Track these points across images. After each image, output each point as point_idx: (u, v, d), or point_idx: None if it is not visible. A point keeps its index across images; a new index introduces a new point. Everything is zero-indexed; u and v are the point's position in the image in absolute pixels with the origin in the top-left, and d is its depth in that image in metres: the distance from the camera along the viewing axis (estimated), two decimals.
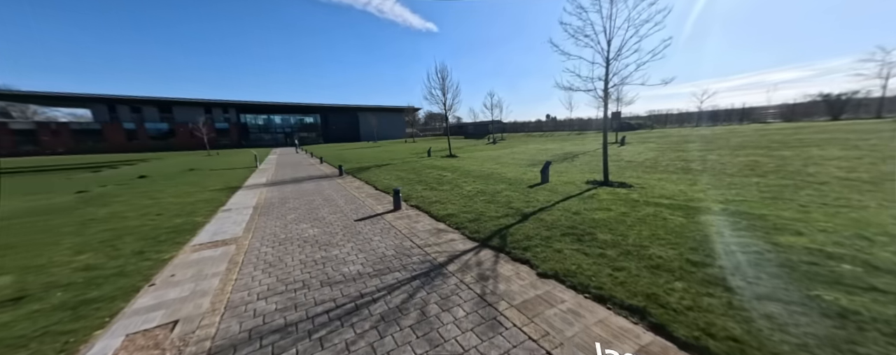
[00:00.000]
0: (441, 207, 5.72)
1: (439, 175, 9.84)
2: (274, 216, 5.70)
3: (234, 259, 3.63)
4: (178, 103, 45.92)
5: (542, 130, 51.04)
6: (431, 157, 17.08)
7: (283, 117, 57.11)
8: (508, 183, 7.79)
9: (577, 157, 13.41)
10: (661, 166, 9.48)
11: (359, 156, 20.29)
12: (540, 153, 16.53)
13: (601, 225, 4.21)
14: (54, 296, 2.69)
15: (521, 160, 13.47)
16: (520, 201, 5.79)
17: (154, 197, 8.05)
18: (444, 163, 13.76)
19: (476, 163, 12.80)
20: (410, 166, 12.91)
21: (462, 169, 11.16)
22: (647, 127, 36.73)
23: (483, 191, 6.95)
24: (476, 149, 23.15)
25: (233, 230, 4.85)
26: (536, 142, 28.57)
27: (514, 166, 11.37)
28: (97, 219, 5.66)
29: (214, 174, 13.15)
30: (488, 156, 16.07)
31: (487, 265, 3.29)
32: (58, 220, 5.73)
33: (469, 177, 8.99)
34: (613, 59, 6.58)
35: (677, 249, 3.31)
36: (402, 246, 3.94)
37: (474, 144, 31.88)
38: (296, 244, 4.13)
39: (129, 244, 4.16)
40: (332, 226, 4.92)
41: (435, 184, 8.26)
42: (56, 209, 6.93)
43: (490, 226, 4.44)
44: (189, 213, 6.00)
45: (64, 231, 4.93)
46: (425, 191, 7.39)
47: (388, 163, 14.57)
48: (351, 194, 7.65)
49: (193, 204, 6.94)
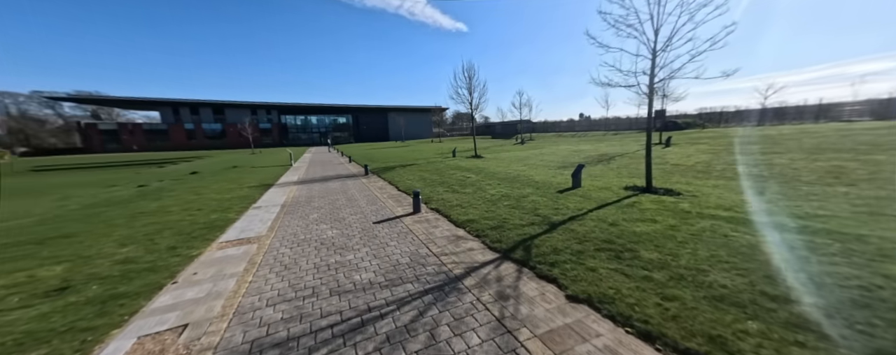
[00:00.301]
0: (462, 212, 5.43)
1: (462, 176, 9.55)
2: (298, 215, 5.82)
3: (254, 259, 3.67)
4: (229, 105, 50.59)
5: (574, 130, 48.45)
6: (456, 158, 16.83)
7: (318, 118, 60.51)
8: (536, 187, 7.28)
9: (613, 160, 12.34)
10: (715, 171, 8.32)
11: (386, 156, 20.67)
12: (572, 154, 15.54)
13: (645, 240, 3.65)
14: (90, 289, 2.86)
15: (551, 162, 12.71)
16: (547, 208, 5.31)
17: (199, 192, 8.73)
18: (468, 163, 13.43)
19: (502, 165, 12.30)
20: (434, 167, 12.78)
21: (486, 170, 10.76)
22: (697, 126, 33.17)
23: (507, 195, 6.54)
24: (503, 150, 22.48)
25: (258, 228, 5.00)
26: (568, 143, 27.08)
27: (543, 168, 10.72)
28: (146, 213, 6.20)
29: (254, 171, 14.10)
30: (515, 158, 15.43)
31: (508, 281, 2.96)
32: (115, 212, 6.38)
33: (493, 180, 8.59)
34: (661, 50, 5.81)
35: (747, 277, 2.71)
36: (417, 253, 3.73)
37: (501, 145, 31.08)
38: (313, 246, 4.11)
39: (166, 238, 4.42)
40: (350, 228, 4.87)
41: (457, 186, 7.99)
42: (118, 201, 7.78)
43: (513, 236, 4.07)
44: (224, 209, 6.35)
45: (117, 222, 5.44)
46: (447, 193, 7.15)
47: (412, 163, 14.59)
48: (373, 194, 7.65)
49: (230, 200, 7.38)
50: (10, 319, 2.36)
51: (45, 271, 3.31)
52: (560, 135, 44.48)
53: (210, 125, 49.49)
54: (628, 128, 41.68)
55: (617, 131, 39.92)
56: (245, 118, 45.58)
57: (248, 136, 38.20)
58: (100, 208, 6.97)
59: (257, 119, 51.85)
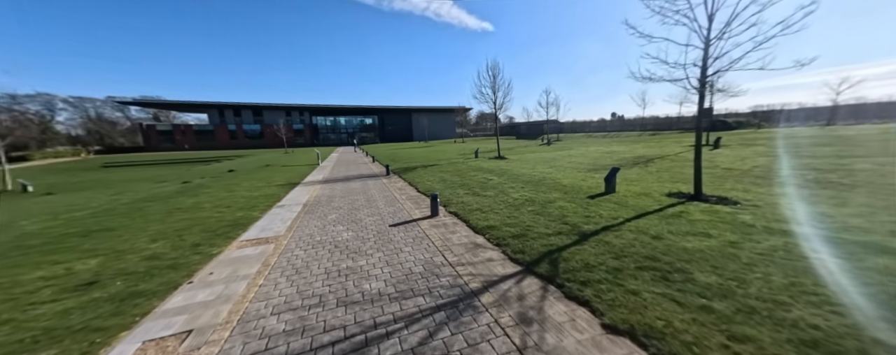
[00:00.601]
0: (482, 217, 5.10)
1: (484, 178, 9.17)
2: (317, 215, 5.83)
3: (268, 260, 3.63)
4: (267, 108, 54.14)
5: (606, 130, 45.77)
6: (479, 159, 16.43)
7: (347, 119, 62.84)
8: (563, 191, 6.73)
9: (651, 163, 11.27)
10: (778, 177, 7.20)
11: (408, 156, 20.79)
12: (603, 156, 14.50)
13: (698, 258, 3.09)
14: (114, 285, 2.93)
15: (580, 164, 11.89)
16: (577, 215, 4.81)
17: (232, 189, 9.20)
18: (491, 165, 12.99)
19: (526, 167, 11.72)
20: (455, 168, 12.50)
21: (510, 172, 10.28)
22: (751, 125, 29.80)
23: (532, 199, 6.09)
24: (528, 151, 21.67)
25: (278, 227, 5.04)
26: (598, 144, 25.53)
27: (571, 171, 10.02)
28: (182, 209, 6.57)
29: (283, 170, 14.76)
30: (541, 159, 14.70)
31: (532, 300, 2.60)
32: (156, 207, 6.84)
33: (517, 183, 8.12)
34: (716, 38, 5.07)
35: (847, 316, 2.12)
36: (432, 262, 3.48)
37: (526, 145, 30.08)
38: (327, 248, 4.01)
39: (193, 235, 4.58)
40: (366, 231, 4.74)
41: (478, 188, 7.65)
42: (161, 197, 8.41)
43: (538, 246, 3.68)
44: (250, 207, 6.56)
45: (154, 218, 5.79)
46: (467, 196, 6.84)
47: (434, 164, 14.44)
48: (392, 195, 7.55)
49: (257, 198, 7.65)
50: (36, 314, 2.45)
51: (81, 264, 3.50)
52: (590, 135, 42.20)
53: (250, 126, 53.28)
54: (668, 127, 38.48)
55: (654, 131, 37.04)
56: (280, 119, 48.56)
57: (282, 137, 40.59)
58: (144, 203, 7.56)
59: (291, 120, 54.98)
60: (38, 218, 6.55)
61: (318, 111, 58.84)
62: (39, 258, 3.78)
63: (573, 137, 40.26)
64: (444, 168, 12.64)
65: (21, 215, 7.03)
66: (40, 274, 3.27)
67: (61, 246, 4.23)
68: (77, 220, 5.93)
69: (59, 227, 5.42)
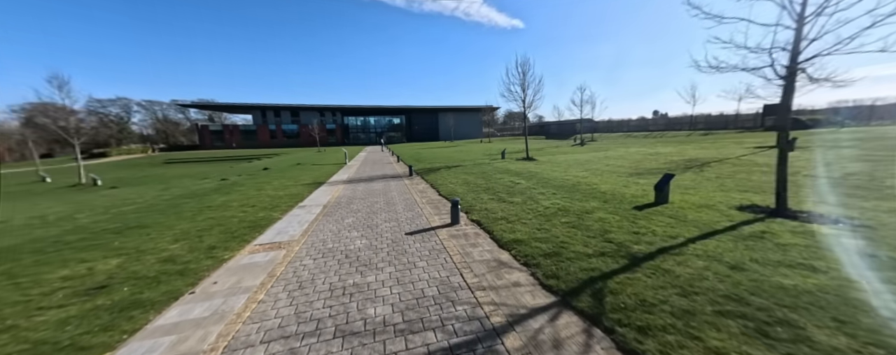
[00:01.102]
0: (507, 228, 4.54)
1: (511, 182, 8.51)
2: (334, 218, 5.65)
3: (275, 270, 3.42)
4: (303, 109, 57.40)
5: (647, 130, 42.03)
6: (505, 160, 15.66)
7: (376, 119, 64.62)
8: (603, 199, 5.91)
9: (707, 167, 9.80)
10: (888, 187, 5.71)
11: (433, 156, 20.55)
12: (647, 159, 13.03)
13: (807, 304, 2.30)
14: (122, 291, 2.86)
15: (620, 167, 10.71)
16: (623, 231, 4.07)
17: (262, 188, 9.51)
18: (518, 167, 12.22)
19: (558, 170, 10.81)
20: (480, 169, 11.92)
21: (540, 176, 9.49)
22: (833, 123, 25.48)
23: (566, 208, 5.37)
24: (559, 152, 20.38)
25: (293, 231, 4.91)
26: (639, 144, 23.37)
27: (610, 175, 8.98)
28: (212, 207, 6.79)
29: (312, 169, 15.22)
30: (574, 161, 13.59)
31: (573, 350, 2.03)
32: (191, 204, 7.16)
33: (548, 188, 7.37)
34: (815, 14, 4.01)
35: None
36: (448, 283, 3.02)
37: (557, 146, 28.49)
38: (337, 258, 3.73)
39: (213, 236, 4.57)
40: (380, 239, 4.41)
41: (504, 193, 7.04)
42: (199, 194, 8.91)
43: (576, 270, 3.06)
44: (273, 207, 6.59)
45: (186, 215, 6.00)
46: (491, 201, 6.28)
47: (458, 165, 13.98)
48: (412, 198, 7.21)
49: (281, 198, 7.75)
50: (38, 321, 2.40)
51: (103, 264, 3.56)
52: (629, 135, 39.02)
53: (288, 126, 56.89)
54: (722, 126, 34.28)
55: (707, 131, 33.20)
56: (314, 119, 51.20)
57: (315, 136, 42.73)
58: (183, 200, 8.02)
59: (325, 120, 57.76)
60: (93, 211, 7.18)
61: (349, 111, 61.17)
62: (72, 255, 3.94)
63: (609, 137, 37.50)
64: (469, 169, 12.12)
65: (81, 208, 7.81)
66: (64, 273, 3.35)
67: (96, 242, 4.43)
68: (121, 215, 6.35)
69: (104, 222, 5.80)
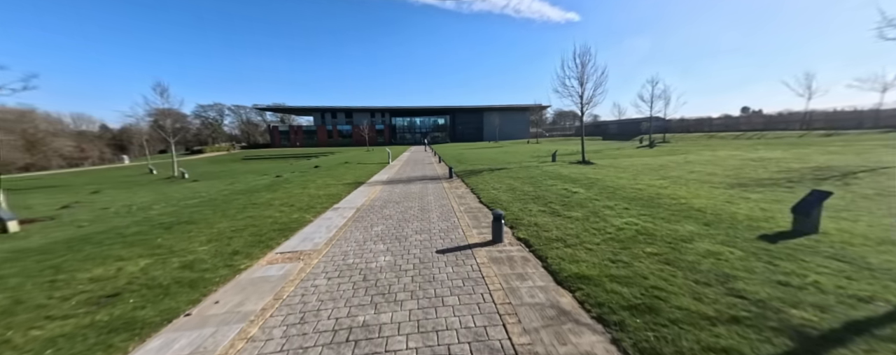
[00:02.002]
0: (567, 254, 3.48)
1: (566, 190, 7.19)
2: (363, 225, 5.19)
3: (282, 291, 2.97)
4: (356, 110, 61.45)
5: (737, 129, 34.77)
6: (556, 163, 13.99)
7: (422, 119, 66.08)
8: (702, 221, 4.37)
9: (854, 178, 7.14)
10: None
11: (476, 157, 19.62)
12: (748, 165, 10.28)
13: None
14: (128, 303, 2.66)
15: (712, 176, 8.48)
16: (757, 279, 2.70)
17: (306, 186, 9.77)
18: (573, 171, 10.62)
19: (625, 176, 9.02)
20: (528, 173, 10.66)
21: (602, 183, 7.92)
22: None
23: (649, 232, 4.04)
24: (622, 155, 17.73)
25: (319, 238, 4.55)
26: (730, 147, 19.21)
27: (701, 186, 7.04)
28: (257, 204, 6.97)
29: (357, 168, 15.60)
30: (644, 166, 11.39)
31: None
32: (239, 201, 7.49)
33: (616, 200, 5.94)
34: None
35: None
36: (485, 340, 2.17)
37: (619, 148, 25.19)
38: (353, 281, 3.15)
39: (241, 239, 4.44)
40: (407, 255, 3.75)
41: (558, 204, 5.85)
42: (251, 190, 9.49)
43: (695, 348, 1.92)
44: (309, 208, 6.48)
45: (230, 212, 6.18)
46: (543, 215, 5.19)
47: (502, 168, 12.85)
48: (449, 205, 6.47)
49: (320, 198, 7.71)
50: (33, 336, 2.24)
51: (133, 265, 3.54)
52: (712, 135, 32.75)
53: (342, 126, 61.50)
54: (856, 125, 26.38)
55: (829, 130, 25.93)
56: (364, 120, 54.34)
57: (365, 136, 45.22)
58: (237, 195, 8.55)
59: (374, 121, 60.99)
60: (167, 203, 8.02)
61: (397, 112, 63.55)
62: (118, 250, 4.08)
63: (685, 138, 32.00)
64: (515, 173, 10.95)
65: (160, 199, 8.88)
66: (97, 272, 3.37)
67: (145, 238, 4.64)
68: (183, 209, 6.87)
69: (166, 216, 6.27)
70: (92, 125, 66.14)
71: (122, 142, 62.34)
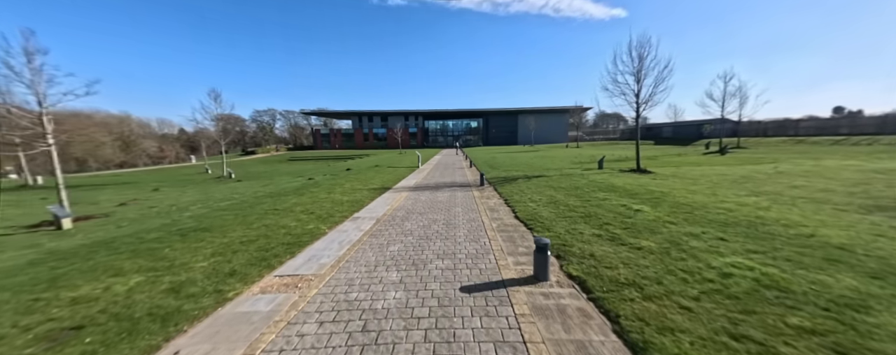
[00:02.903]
0: (652, 315, 2.38)
1: (625, 208, 5.83)
2: (379, 242, 4.52)
3: (259, 342, 2.32)
4: (391, 114, 63.17)
5: (836, 133, 28.59)
6: (604, 171, 12.26)
7: (454, 122, 65.83)
8: (864, 270, 2.91)
9: None
10: None
11: (510, 162, 18.34)
12: (876, 180, 7.84)
13: None
14: (82, 342, 2.19)
15: (830, 193, 6.44)
16: None
17: (332, 190, 9.54)
18: (629, 182, 9.00)
19: (700, 190, 7.28)
20: (571, 183, 9.29)
21: (671, 199, 6.38)
22: None
23: (780, 284, 2.72)
24: (685, 162, 15.22)
25: (327, 258, 3.95)
26: (835, 155, 15.56)
27: (821, 208, 5.23)
28: (279, 210, 6.73)
29: (386, 171, 15.35)
30: (721, 177, 9.34)
31: None
32: (265, 205, 7.36)
33: (701, 225, 4.52)
34: None
35: None
36: None
37: (678, 153, 22.02)
38: (349, 331, 2.42)
39: (245, 255, 4.01)
40: (423, 293, 2.94)
41: (617, 226, 4.62)
42: (281, 193, 9.49)
43: None
44: (328, 217, 6.03)
45: (250, 218, 5.96)
46: (598, 241, 4.04)
47: (540, 175, 11.53)
48: (479, 220, 5.55)
49: (343, 204, 7.29)
50: None
51: (122, 284, 3.21)
52: (799, 139, 27.28)
53: (378, 129, 63.59)
54: None
55: None
56: (398, 124, 55.51)
57: (398, 139, 46.01)
58: (266, 198, 8.55)
59: (408, 124, 62.09)
60: (204, 203, 8.25)
61: (430, 116, 64.04)
62: (123, 262, 3.88)
63: (762, 143, 27.12)
64: (555, 182, 9.64)
65: (202, 198, 9.25)
66: (82, 291, 3.09)
67: (156, 246, 4.46)
68: (211, 212, 6.88)
69: (192, 219, 6.25)
70: (172, 129, 77.05)
71: (194, 143, 71.75)
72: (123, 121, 62.29)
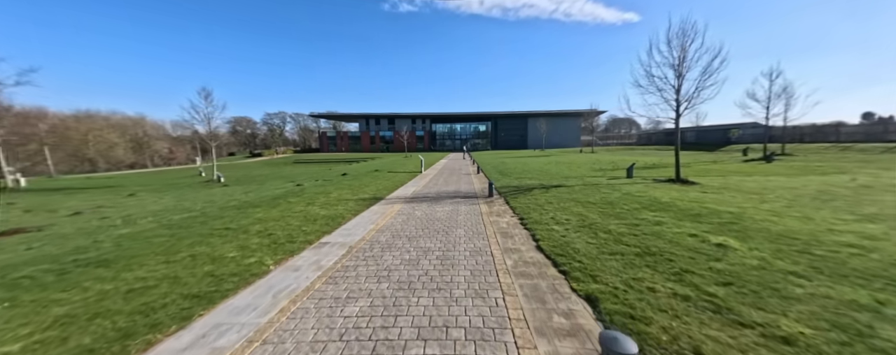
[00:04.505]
0: None
1: (696, 239, 4.06)
2: (336, 293, 2.96)
3: None
4: (398, 117, 62.21)
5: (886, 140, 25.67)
6: (635, 180, 10.43)
7: (462, 126, 64.42)
8: None
9: None
10: None
11: (521, 168, 16.61)
12: None
13: None
14: None
15: None
16: None
17: (313, 201, 8.08)
18: (675, 196, 7.17)
19: (782, 210, 5.42)
20: (601, 196, 7.54)
21: (752, 224, 4.56)
22: None
23: None
24: (727, 171, 13.18)
25: (235, 333, 2.41)
26: None
27: None
28: (227, 231, 5.28)
29: (385, 177, 13.88)
30: (791, 191, 7.42)
31: None
32: (214, 223, 5.92)
33: (853, 278, 2.75)
34: None
35: None
36: None
37: (714, 160, 19.84)
38: None
39: (93, 330, 2.50)
40: None
41: (706, 277, 2.90)
42: (255, 202, 8.08)
43: None
44: (286, 242, 4.53)
45: (180, 245, 4.51)
46: (686, 307, 2.35)
47: (559, 185, 9.81)
48: (489, 253, 3.93)
49: (315, 221, 5.79)
50: None
51: None
52: (845, 146, 24.51)
53: (384, 132, 62.70)
54: None
55: None
56: (404, 127, 54.41)
57: (404, 142, 44.75)
58: (230, 209, 7.15)
59: (415, 127, 60.95)
60: (157, 217, 6.91)
61: (437, 119, 62.83)
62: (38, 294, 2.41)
63: (802, 149, 24.50)
64: (581, 194, 7.92)
65: (167, 208, 7.95)
66: None
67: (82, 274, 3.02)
68: (146, 231, 5.51)
69: (108, 242, 4.85)
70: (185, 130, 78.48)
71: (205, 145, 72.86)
72: (138, 122, 63.46)
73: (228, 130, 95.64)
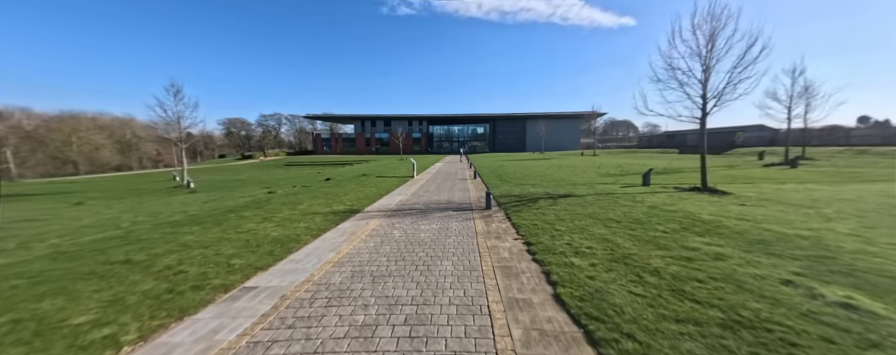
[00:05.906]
0: None
1: (789, 284, 2.66)
2: None
3: None
4: (394, 118, 60.85)
5: None
6: (655, 187, 9.07)
7: (460, 128, 63.18)
8: None
9: None
10: None
11: (522, 173, 15.24)
12: None
13: None
14: None
15: None
16: None
17: (273, 215, 6.66)
18: (712, 211, 5.77)
19: (861, 231, 4.03)
20: (623, 210, 6.16)
21: (849, 261, 3.14)
22: None
23: None
24: (752, 177, 11.94)
25: None
26: None
27: None
28: (126, 265, 3.85)
29: (371, 183, 12.46)
30: (847, 203, 6.09)
31: None
32: (120, 250, 4.47)
33: None
34: None
35: None
36: None
37: (731, 165, 18.65)
38: None
39: None
40: None
41: None
42: (213, 213, 6.64)
43: None
44: (189, 291, 3.12)
45: (26, 295, 3.05)
46: None
47: (568, 194, 8.43)
48: (486, 309, 2.52)
49: (257, 248, 4.37)
50: None
51: None
52: (860, 150, 23.41)
53: (380, 134, 61.29)
54: None
55: None
56: (400, 128, 53.00)
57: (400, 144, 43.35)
58: (166, 226, 5.70)
59: (412, 129, 59.58)
60: (78, 236, 5.47)
61: (434, 120, 61.53)
62: None
63: (818, 153, 23.39)
64: (596, 207, 6.54)
65: (96, 223, 6.50)
66: None
67: None
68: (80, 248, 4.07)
69: (32, 263, 3.41)
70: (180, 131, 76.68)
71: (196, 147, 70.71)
72: (126, 124, 61.55)
73: (222, 132, 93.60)
